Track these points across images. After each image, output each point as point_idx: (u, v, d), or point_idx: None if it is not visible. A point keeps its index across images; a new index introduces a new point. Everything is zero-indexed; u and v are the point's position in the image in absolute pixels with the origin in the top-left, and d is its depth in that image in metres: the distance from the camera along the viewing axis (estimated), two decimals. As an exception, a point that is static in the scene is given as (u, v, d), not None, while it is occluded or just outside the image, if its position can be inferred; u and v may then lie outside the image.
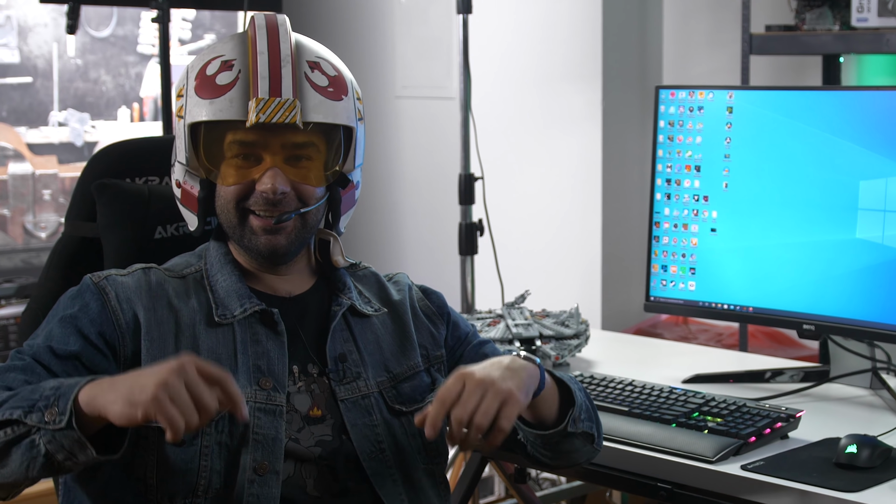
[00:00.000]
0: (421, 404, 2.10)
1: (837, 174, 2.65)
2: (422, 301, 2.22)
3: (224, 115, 1.97)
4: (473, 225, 3.98)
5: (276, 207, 2.00)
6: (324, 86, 2.01)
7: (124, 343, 1.95)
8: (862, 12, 3.85)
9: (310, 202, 2.03)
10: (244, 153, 2.00)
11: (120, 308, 1.97)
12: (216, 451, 1.93)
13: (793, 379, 2.84)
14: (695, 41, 4.81)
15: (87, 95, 5.34)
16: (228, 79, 1.99)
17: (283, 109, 1.96)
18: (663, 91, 2.90)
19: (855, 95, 2.70)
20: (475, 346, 2.22)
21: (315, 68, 2.03)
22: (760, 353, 4.01)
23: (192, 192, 2.05)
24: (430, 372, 2.16)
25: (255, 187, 2.00)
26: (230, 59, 2.01)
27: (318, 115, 1.99)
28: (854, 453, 2.25)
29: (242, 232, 2.03)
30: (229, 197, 2.02)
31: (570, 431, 2.03)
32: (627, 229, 4.82)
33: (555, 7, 4.86)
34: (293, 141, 1.99)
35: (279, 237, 2.02)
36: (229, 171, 2.01)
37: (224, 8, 4.97)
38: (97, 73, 5.36)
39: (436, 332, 2.20)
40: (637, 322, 4.72)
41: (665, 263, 2.91)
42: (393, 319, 2.16)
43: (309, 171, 2.02)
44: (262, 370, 1.99)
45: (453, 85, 5.12)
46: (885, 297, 2.60)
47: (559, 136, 4.85)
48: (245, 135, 1.99)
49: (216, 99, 1.98)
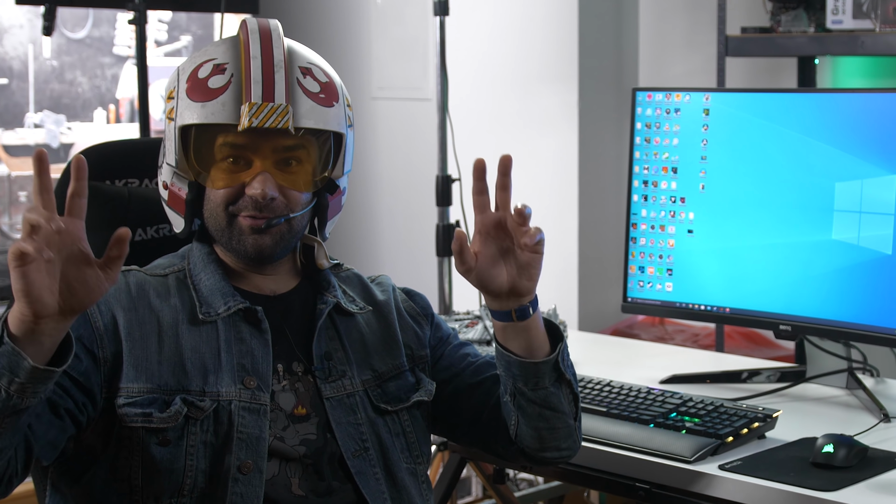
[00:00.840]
0: (406, 404, 2.11)
1: (813, 176, 2.66)
2: (406, 302, 2.23)
3: (216, 118, 1.97)
4: (451, 226, 3.98)
5: (265, 212, 2.00)
6: (315, 92, 2.02)
7: (102, 346, 1.95)
8: (837, 14, 3.87)
9: (297, 208, 2.03)
10: (234, 157, 2.00)
11: (98, 311, 1.97)
12: (201, 450, 1.94)
13: (769, 379, 2.85)
14: (671, 43, 4.83)
15: (63, 97, 5.33)
16: (221, 82, 1.99)
17: (275, 115, 1.96)
18: (640, 93, 2.91)
19: (830, 98, 2.72)
20: (456, 347, 2.23)
21: (307, 74, 2.03)
22: (737, 353, 4.03)
23: (180, 195, 2.05)
24: (415, 372, 2.16)
25: (245, 191, 2.00)
26: (223, 62, 2.01)
27: (310, 120, 2.00)
28: (830, 453, 2.27)
29: (230, 234, 2.03)
30: (219, 200, 2.02)
31: (560, 368, 2.04)
32: (604, 230, 4.83)
33: (531, 9, 4.87)
34: (284, 146, 2.00)
35: (266, 238, 2.02)
36: (219, 174, 2.01)
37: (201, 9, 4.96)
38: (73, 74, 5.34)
39: (420, 332, 2.21)
40: (614, 323, 4.73)
41: (642, 264, 2.92)
42: (377, 319, 2.17)
43: (298, 177, 2.02)
44: (247, 369, 1.99)
45: (430, 86, 5.12)
46: (860, 298, 2.62)
47: (536, 138, 4.86)
48: (236, 138, 1.99)
49: (208, 102, 1.98)
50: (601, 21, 4.81)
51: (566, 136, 4.77)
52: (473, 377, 2.19)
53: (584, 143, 4.76)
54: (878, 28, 3.76)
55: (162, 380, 1.95)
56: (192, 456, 1.93)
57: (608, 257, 4.78)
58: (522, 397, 2.07)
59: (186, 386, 1.96)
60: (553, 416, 2.09)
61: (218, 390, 1.97)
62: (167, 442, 1.93)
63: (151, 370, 1.95)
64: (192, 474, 1.93)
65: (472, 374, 2.19)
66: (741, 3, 4.42)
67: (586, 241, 4.79)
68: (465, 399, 2.18)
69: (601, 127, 4.82)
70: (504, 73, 4.97)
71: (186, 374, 1.96)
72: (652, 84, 4.81)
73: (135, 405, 1.93)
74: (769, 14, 4.09)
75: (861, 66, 4.37)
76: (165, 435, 1.93)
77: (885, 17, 3.74)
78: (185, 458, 1.93)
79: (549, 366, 2.04)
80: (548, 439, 2.12)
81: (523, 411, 2.08)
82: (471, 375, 2.19)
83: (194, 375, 1.97)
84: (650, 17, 4.88)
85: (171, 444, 1.93)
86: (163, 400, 1.94)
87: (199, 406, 1.95)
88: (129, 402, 1.93)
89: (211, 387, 1.96)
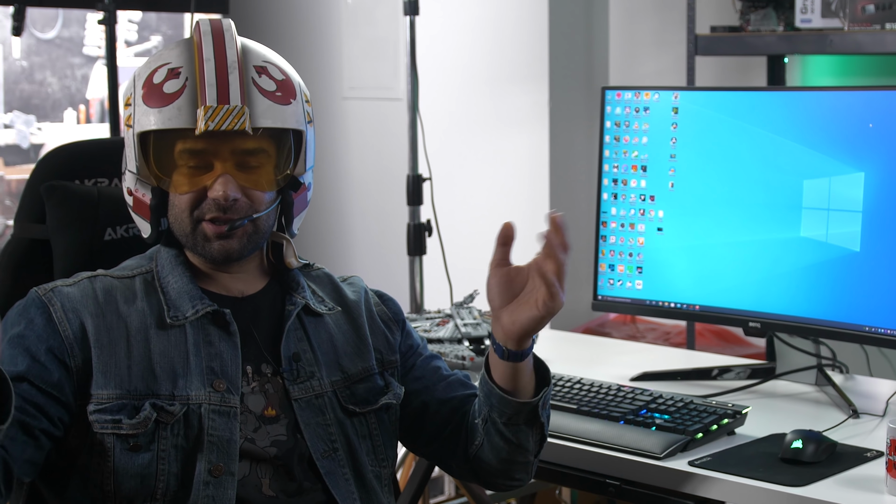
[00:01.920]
0: (373, 406, 2.11)
1: (781, 174, 2.68)
2: (378, 306, 2.23)
3: (173, 123, 1.96)
4: (422, 225, 3.99)
5: (228, 213, 2.00)
6: (272, 90, 2.01)
7: (73, 354, 1.95)
8: (805, 13, 3.89)
9: (261, 207, 2.02)
10: (195, 161, 1.99)
11: (66, 319, 1.96)
12: (173, 454, 1.94)
13: (740, 376, 2.86)
14: (641, 42, 4.84)
15: (33, 97, 5.31)
16: (176, 87, 1.98)
17: (231, 117, 1.95)
18: (609, 92, 2.92)
19: (798, 96, 2.73)
20: (427, 359, 2.24)
21: (262, 73, 2.02)
22: (708, 351, 4.05)
23: (144, 200, 2.04)
24: (384, 376, 2.16)
25: (207, 194, 1.99)
26: (177, 66, 2.00)
27: (267, 120, 1.99)
28: (799, 448, 2.28)
29: (195, 239, 2.02)
30: (183, 206, 2.01)
31: (538, 412, 2.05)
32: (575, 229, 4.80)
33: (501, 8, 4.88)
34: (243, 147, 1.99)
35: (232, 242, 2.01)
36: (181, 179, 2.00)
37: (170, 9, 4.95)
38: (43, 74, 5.33)
39: (391, 337, 2.21)
40: (586, 321, 4.74)
41: (612, 263, 2.93)
42: (347, 319, 2.17)
43: (260, 177, 2.02)
44: (216, 372, 1.99)
45: (401, 86, 5.12)
46: (829, 295, 2.63)
47: (507, 137, 4.87)
48: (195, 143, 1.98)
49: (164, 108, 1.97)
50: (571, 20, 4.82)
51: (537, 135, 4.78)
52: (444, 393, 2.20)
53: (554, 143, 4.77)
54: (846, 27, 3.79)
55: (132, 385, 1.95)
56: (164, 460, 1.94)
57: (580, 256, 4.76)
58: (493, 426, 2.08)
59: (156, 390, 1.95)
60: (517, 450, 2.10)
61: (187, 394, 1.96)
62: (138, 447, 1.93)
63: (121, 376, 1.95)
64: (165, 478, 1.93)
65: (444, 390, 2.20)
66: (711, 3, 4.44)
67: (557, 239, 4.79)
68: (431, 413, 2.19)
69: (572, 126, 4.83)
70: (475, 73, 4.98)
71: (156, 378, 1.96)
72: (622, 83, 4.83)
73: (104, 412, 1.93)
74: (738, 13, 4.12)
75: (830, 65, 4.39)
76: (136, 440, 1.93)
77: (853, 15, 3.76)
78: (157, 462, 1.93)
79: (529, 408, 2.05)
80: (505, 469, 2.14)
81: (490, 438, 2.10)
82: (442, 391, 2.20)
83: (164, 380, 1.96)
84: (620, 16, 4.89)
85: (143, 450, 1.93)
86: (132, 406, 1.94)
87: (168, 410, 1.94)
88: (99, 409, 1.93)
89: (180, 391, 1.96)
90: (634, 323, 4.62)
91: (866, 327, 2.58)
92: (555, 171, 4.78)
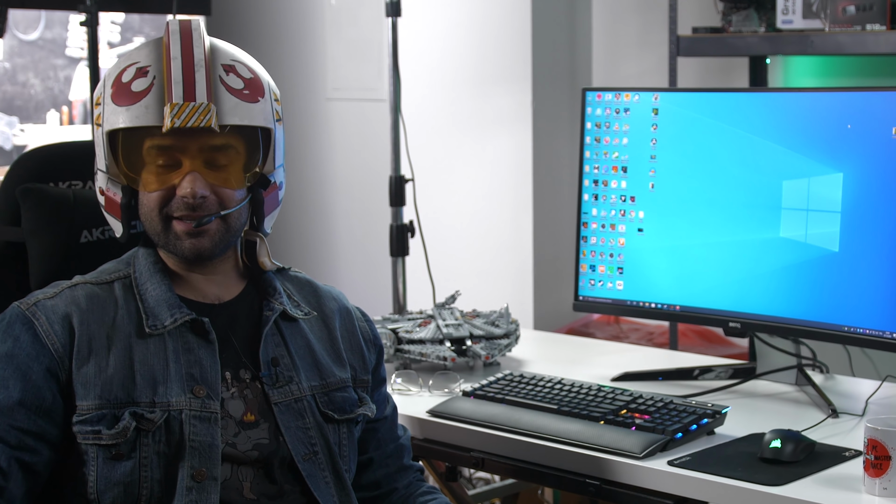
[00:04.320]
0: (349, 415, 2.13)
1: (761, 174, 2.69)
2: (362, 322, 2.26)
3: (140, 121, 1.97)
4: (404, 226, 3.99)
5: (197, 211, 2.00)
6: (239, 88, 2.02)
7: (63, 367, 1.96)
8: (787, 14, 3.90)
9: (230, 205, 2.03)
10: (163, 159, 2.00)
11: (52, 332, 1.97)
12: (155, 461, 1.95)
13: (720, 376, 2.87)
14: (624, 43, 4.85)
15: (16, 99, 5.30)
16: (143, 85, 1.99)
17: (197, 113, 1.96)
18: (590, 93, 2.93)
19: (777, 97, 2.74)
20: (386, 395, 2.30)
21: (230, 71, 2.03)
22: (691, 351, 4.05)
23: (115, 199, 2.05)
24: (357, 391, 2.18)
25: (176, 192, 2.00)
26: (145, 65, 2.01)
27: (234, 117, 2.00)
28: (778, 448, 2.29)
29: (167, 238, 2.03)
30: (152, 204, 2.02)
31: None
32: (559, 230, 4.85)
33: (484, 9, 4.88)
34: (210, 144, 2.00)
35: (203, 240, 2.02)
36: (150, 177, 2.01)
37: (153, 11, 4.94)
38: (25, 76, 5.32)
39: (368, 356, 2.23)
40: (569, 322, 4.75)
41: (593, 263, 2.94)
42: (322, 327, 2.18)
43: (228, 174, 2.02)
44: (196, 378, 2.00)
45: (384, 87, 5.12)
46: (808, 295, 2.64)
47: (490, 138, 4.87)
48: (162, 140, 1.99)
49: (132, 106, 1.98)
50: (554, 21, 4.83)
51: (520, 136, 4.78)
52: (386, 443, 2.27)
53: (537, 143, 4.78)
54: (827, 28, 3.80)
55: (112, 394, 1.95)
56: (147, 467, 1.94)
57: (563, 256, 4.79)
58: None
59: (136, 398, 1.96)
60: None
61: (168, 401, 1.97)
62: (120, 456, 1.94)
63: (100, 386, 1.95)
64: (148, 485, 1.94)
65: (387, 433, 2.27)
66: (693, 4, 4.45)
67: (541, 240, 4.80)
68: (364, 444, 2.23)
69: (555, 127, 4.84)
70: (458, 74, 4.98)
71: (136, 386, 1.97)
72: (605, 84, 4.83)
73: (85, 423, 1.94)
74: (720, 14, 4.12)
75: (812, 66, 4.41)
76: (118, 449, 1.94)
77: (834, 16, 3.77)
78: (140, 469, 1.94)
79: None
80: None
81: None
82: (385, 432, 2.27)
83: (143, 387, 1.97)
84: (603, 17, 4.90)
85: (125, 458, 1.94)
86: (112, 415, 1.95)
87: (148, 418, 1.95)
88: (81, 420, 1.94)
89: (161, 397, 1.97)
90: (618, 323, 4.63)
91: (845, 327, 2.60)
92: (538, 172, 4.79)
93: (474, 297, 3.87)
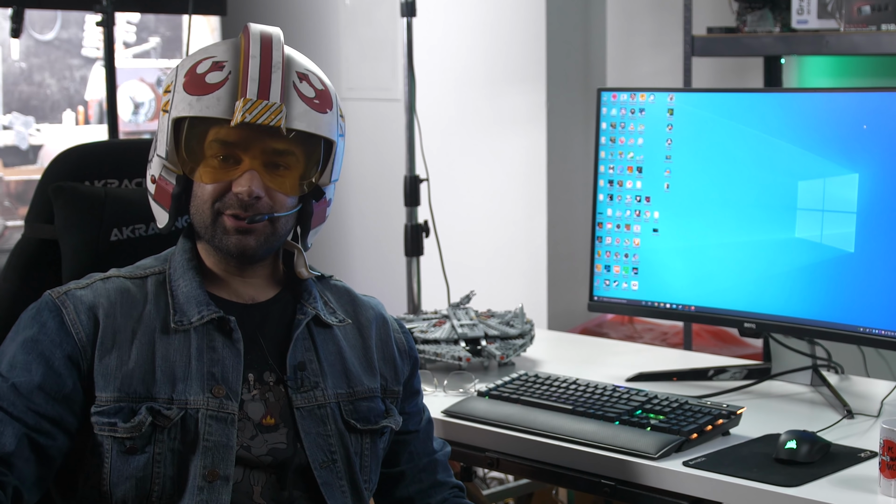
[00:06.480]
0: (373, 426, 2.12)
1: (776, 175, 2.69)
2: (398, 333, 2.24)
3: (210, 112, 1.97)
4: (419, 226, 3.99)
5: (248, 211, 2.00)
6: (310, 97, 2.02)
7: (86, 356, 1.96)
8: (802, 14, 3.90)
9: (282, 209, 2.02)
10: (224, 154, 2.00)
11: (79, 321, 1.97)
12: (169, 458, 1.95)
13: (735, 376, 2.87)
14: (638, 43, 4.85)
15: (32, 99, 5.31)
16: (218, 78, 1.99)
17: (269, 112, 1.96)
18: (605, 93, 2.93)
19: (793, 97, 2.74)
20: (423, 408, 2.29)
21: (304, 79, 2.03)
22: (705, 351, 4.05)
23: (167, 188, 2.04)
24: (385, 402, 2.17)
25: (231, 188, 2.00)
26: (222, 60, 2.01)
27: (302, 123, 2.00)
28: (793, 449, 2.29)
29: (214, 231, 2.02)
30: (206, 196, 2.01)
31: None
32: (573, 229, 4.85)
33: (499, 9, 4.88)
34: (273, 147, 2.00)
35: (249, 238, 2.02)
36: (208, 169, 2.01)
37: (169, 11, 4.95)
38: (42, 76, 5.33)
39: (401, 367, 2.21)
40: (583, 322, 4.75)
41: (608, 263, 2.94)
42: (357, 335, 2.17)
43: (285, 179, 2.02)
44: (216, 378, 2.00)
45: (399, 87, 5.13)
46: (823, 296, 2.64)
47: (504, 138, 4.88)
48: (228, 134, 1.99)
49: (204, 96, 1.97)
50: (569, 22, 4.83)
51: (534, 136, 4.79)
52: (419, 456, 2.25)
53: (552, 144, 4.78)
54: (842, 28, 3.79)
55: (131, 388, 1.96)
56: (160, 463, 1.95)
57: (577, 256, 4.80)
58: None
59: (154, 394, 1.96)
60: None
61: (186, 398, 1.97)
62: (134, 450, 1.94)
63: (120, 378, 1.96)
64: (160, 481, 1.94)
65: (420, 446, 2.26)
66: (707, 4, 4.45)
67: (555, 240, 4.81)
68: (396, 456, 2.23)
69: (569, 127, 4.84)
70: (472, 74, 4.98)
71: (155, 381, 1.97)
72: (619, 84, 4.83)
73: (102, 414, 1.95)
74: (735, 14, 4.12)
75: (827, 66, 4.40)
76: (132, 443, 1.94)
77: (849, 16, 3.77)
78: (153, 465, 1.94)
79: None
80: None
81: None
82: (418, 445, 2.25)
83: (163, 383, 1.97)
84: (618, 17, 4.90)
85: (139, 452, 1.94)
86: (129, 409, 1.95)
87: (165, 415, 1.95)
88: (98, 411, 1.95)
89: (179, 395, 1.97)
90: (632, 323, 4.63)
91: (860, 328, 2.59)
92: (552, 172, 4.79)
93: (489, 296, 3.88)
